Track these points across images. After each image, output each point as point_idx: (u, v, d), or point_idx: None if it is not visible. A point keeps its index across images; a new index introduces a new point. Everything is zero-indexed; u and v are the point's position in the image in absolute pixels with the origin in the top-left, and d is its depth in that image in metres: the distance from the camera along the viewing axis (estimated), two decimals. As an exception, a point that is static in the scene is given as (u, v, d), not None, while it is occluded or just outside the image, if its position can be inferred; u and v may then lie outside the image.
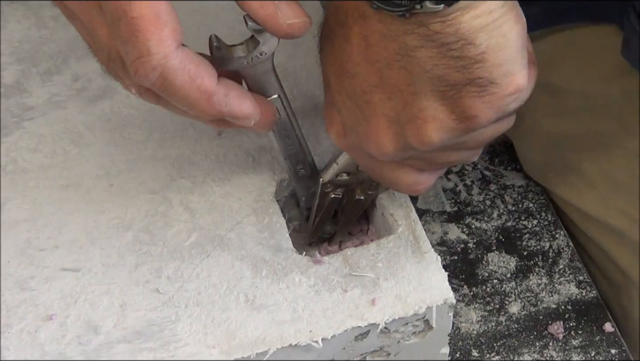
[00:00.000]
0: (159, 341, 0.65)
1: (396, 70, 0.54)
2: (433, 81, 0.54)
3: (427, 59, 0.53)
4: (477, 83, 0.53)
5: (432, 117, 0.55)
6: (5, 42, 0.81)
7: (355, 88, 0.58)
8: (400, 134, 0.57)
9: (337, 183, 0.69)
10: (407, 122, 0.56)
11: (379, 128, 0.58)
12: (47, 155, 0.74)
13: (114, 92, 0.78)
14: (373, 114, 0.58)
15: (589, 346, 0.79)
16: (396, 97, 0.56)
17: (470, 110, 0.54)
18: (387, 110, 0.57)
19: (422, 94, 0.55)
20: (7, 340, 0.65)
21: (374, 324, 0.67)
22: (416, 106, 0.55)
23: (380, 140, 0.59)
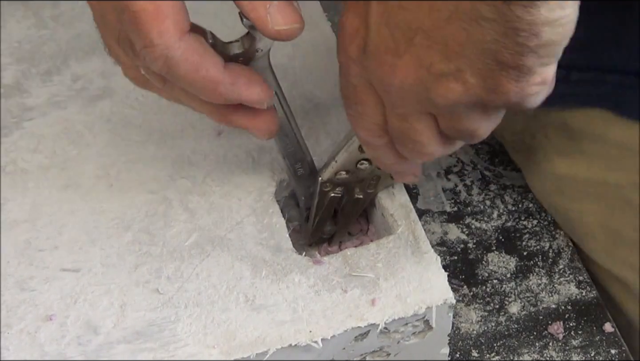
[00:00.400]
0: (158, 342, 0.65)
1: (455, 27, 0.53)
2: (484, 52, 0.53)
3: (491, 33, 0.53)
4: (520, 69, 0.54)
5: (464, 79, 0.55)
6: (5, 43, 0.81)
7: (398, 19, 0.56)
8: (424, 81, 0.56)
9: (336, 181, 0.69)
10: (438, 75, 0.55)
11: (407, 66, 0.56)
12: (47, 155, 0.74)
13: (114, 92, 0.78)
14: (406, 51, 0.56)
15: (588, 346, 0.79)
16: (439, 49, 0.55)
17: (502, 88, 0.54)
18: (423, 55, 0.55)
19: (466, 57, 0.54)
20: (7, 340, 0.65)
21: (373, 324, 0.67)
22: (454, 65, 0.54)
23: (403, 76, 0.56)
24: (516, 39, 0.52)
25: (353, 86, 0.59)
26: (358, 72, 0.59)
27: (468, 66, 0.54)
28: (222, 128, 0.76)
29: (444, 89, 0.55)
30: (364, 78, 0.59)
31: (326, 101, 0.78)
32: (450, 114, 0.58)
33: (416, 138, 0.60)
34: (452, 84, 0.55)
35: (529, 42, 0.53)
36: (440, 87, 0.55)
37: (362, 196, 0.71)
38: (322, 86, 0.79)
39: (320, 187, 0.70)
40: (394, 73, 0.56)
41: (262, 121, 0.64)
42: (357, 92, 0.59)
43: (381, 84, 0.58)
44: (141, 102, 0.78)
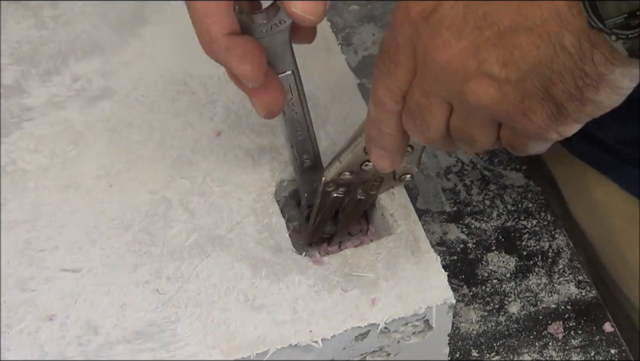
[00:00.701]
0: (159, 342, 0.65)
1: (530, 40, 0.52)
2: (541, 76, 0.53)
3: (560, 63, 0.52)
4: (561, 110, 0.53)
5: (506, 91, 0.54)
6: (5, 43, 0.81)
7: (479, 6, 0.54)
8: (468, 72, 0.55)
9: (339, 182, 0.69)
10: (485, 74, 0.54)
11: (460, 51, 0.54)
12: (47, 155, 0.74)
13: (114, 92, 0.78)
14: (468, 38, 0.54)
15: (588, 346, 0.79)
16: (501, 52, 0.53)
17: (532, 116, 0.54)
18: (482, 49, 0.54)
19: (521, 72, 0.53)
20: (7, 340, 0.65)
21: (374, 324, 0.67)
22: (505, 73, 0.54)
23: (450, 58, 0.55)
24: (577, 82, 0.52)
25: (396, 45, 0.58)
26: (408, 34, 0.57)
27: (516, 80, 0.53)
28: (222, 128, 0.76)
29: (482, 90, 0.54)
30: (411, 41, 0.57)
31: (326, 101, 0.78)
32: (467, 114, 0.57)
33: (426, 118, 0.59)
34: (492, 89, 0.54)
35: (586, 92, 0.52)
36: (479, 87, 0.54)
37: (364, 197, 0.71)
38: (322, 86, 0.79)
39: (323, 187, 0.70)
40: (443, 50, 0.55)
41: (264, 94, 0.64)
42: (397, 51, 0.58)
43: (425, 54, 0.56)
44: (141, 102, 0.78)
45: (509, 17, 0.52)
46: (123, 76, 0.79)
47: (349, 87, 0.79)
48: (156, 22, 0.83)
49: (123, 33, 0.82)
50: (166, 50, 0.81)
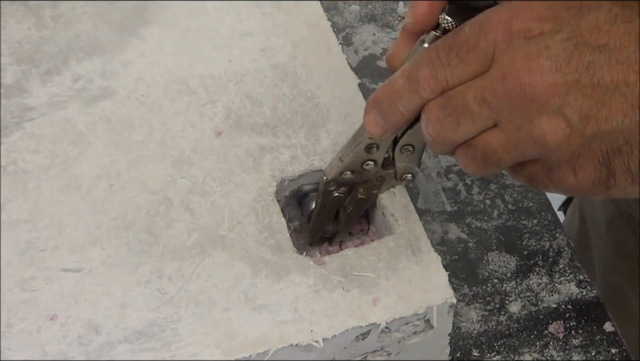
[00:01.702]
0: (159, 342, 0.65)
1: (621, 106, 0.52)
2: (615, 145, 0.53)
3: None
4: (615, 177, 0.54)
5: (555, 130, 0.54)
6: (5, 43, 0.81)
7: (585, 55, 0.53)
8: (550, 106, 0.54)
9: (340, 181, 0.69)
10: (561, 115, 0.54)
11: (556, 85, 0.53)
12: (47, 155, 0.74)
13: (114, 92, 0.78)
14: (567, 81, 0.53)
15: (589, 345, 0.79)
16: (591, 104, 0.53)
17: (582, 173, 0.55)
18: (572, 96, 0.53)
19: (600, 131, 0.53)
20: (8, 340, 0.65)
21: (374, 324, 0.67)
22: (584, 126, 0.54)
23: (543, 87, 0.54)
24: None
25: (474, 43, 0.56)
26: (495, 41, 0.55)
27: (589, 136, 0.53)
28: (223, 128, 0.76)
29: (551, 129, 0.54)
30: (493, 48, 0.56)
31: (326, 101, 0.78)
32: (513, 143, 0.56)
33: (462, 120, 0.57)
34: (561, 133, 0.53)
35: None
36: (551, 126, 0.54)
37: (365, 196, 0.71)
38: (322, 86, 0.79)
39: (324, 186, 0.70)
40: (534, 75, 0.54)
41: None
42: (470, 49, 0.56)
43: (508, 70, 0.55)
44: (141, 102, 0.78)
45: (611, 76, 0.52)
46: (123, 76, 0.79)
47: (350, 87, 0.79)
48: (157, 22, 0.83)
49: (123, 33, 0.82)
50: (167, 50, 0.81)
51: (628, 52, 0.52)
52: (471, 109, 0.56)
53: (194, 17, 0.83)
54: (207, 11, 0.84)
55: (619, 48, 0.52)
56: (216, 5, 0.84)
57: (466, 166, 0.59)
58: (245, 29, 0.83)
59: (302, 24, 0.83)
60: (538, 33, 0.54)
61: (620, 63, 0.52)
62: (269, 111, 0.77)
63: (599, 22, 0.53)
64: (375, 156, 0.67)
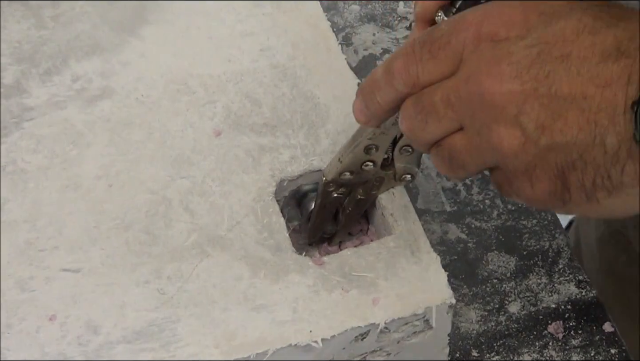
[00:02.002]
0: (159, 342, 0.65)
1: (577, 120, 0.51)
2: (570, 160, 0.52)
3: (598, 160, 0.51)
4: (570, 193, 0.53)
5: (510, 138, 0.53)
6: (5, 43, 0.81)
7: (547, 64, 0.52)
8: (507, 114, 0.53)
9: (339, 182, 0.69)
10: (517, 123, 0.53)
11: (514, 93, 0.52)
12: (47, 155, 0.74)
13: (114, 92, 0.78)
14: (525, 89, 0.52)
15: (588, 346, 0.79)
16: (547, 115, 0.52)
17: (538, 184, 0.54)
18: (529, 105, 0.52)
19: (555, 143, 0.52)
20: (7, 340, 0.65)
21: (373, 324, 0.67)
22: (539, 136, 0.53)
23: (501, 94, 0.53)
24: (596, 179, 0.52)
25: (446, 41, 0.56)
26: (465, 42, 0.55)
27: (543, 147, 0.52)
28: (222, 128, 0.76)
29: (507, 137, 0.53)
30: (463, 48, 0.55)
31: (326, 101, 0.78)
32: (475, 147, 0.56)
33: (429, 121, 0.57)
34: (517, 141, 0.53)
35: (599, 192, 0.52)
36: (507, 133, 0.53)
37: (365, 197, 0.71)
38: (322, 86, 0.79)
39: (323, 187, 0.70)
40: (494, 81, 0.53)
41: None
42: (442, 47, 0.56)
43: (472, 73, 0.54)
44: (141, 102, 0.78)
45: (569, 87, 0.51)
46: (123, 76, 0.79)
47: (349, 87, 0.79)
48: (156, 22, 0.83)
49: (123, 33, 0.82)
50: (166, 50, 0.81)
51: (589, 65, 0.51)
52: (437, 109, 0.56)
53: (193, 17, 0.83)
54: (207, 11, 0.84)
55: (581, 59, 0.51)
56: (216, 5, 0.84)
57: (437, 166, 0.59)
58: (245, 29, 0.83)
59: (302, 24, 0.83)
60: (504, 37, 0.54)
61: (580, 75, 0.51)
62: (268, 111, 0.77)
63: (566, 31, 0.52)
64: (374, 157, 0.67)
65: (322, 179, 0.70)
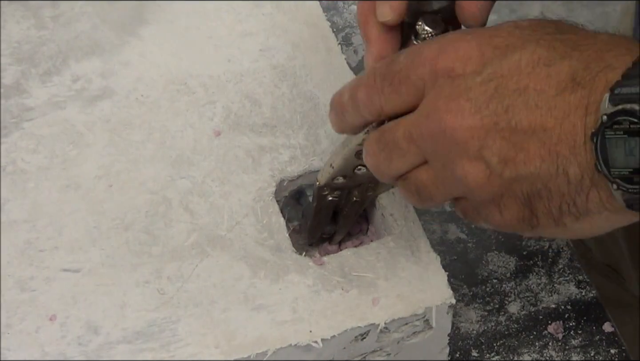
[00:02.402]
0: (159, 342, 0.65)
1: (539, 152, 0.52)
2: (535, 189, 0.52)
3: (563, 189, 0.52)
4: (538, 219, 0.54)
5: (475, 171, 0.54)
6: (5, 43, 0.81)
7: (505, 98, 0.53)
8: (470, 149, 0.54)
9: (333, 186, 0.69)
10: (481, 157, 0.53)
11: (474, 128, 0.53)
12: (47, 156, 0.74)
13: (114, 92, 0.78)
14: (485, 123, 0.53)
15: (588, 346, 0.79)
16: (509, 148, 0.53)
17: (507, 212, 0.54)
18: (490, 139, 0.53)
19: (519, 174, 0.53)
20: (7, 340, 0.65)
21: (373, 324, 0.67)
22: (503, 169, 0.53)
23: (462, 129, 0.54)
24: (563, 206, 0.52)
25: (405, 75, 0.56)
26: (423, 77, 0.56)
27: (508, 179, 0.53)
28: (222, 128, 0.76)
29: (472, 171, 0.54)
30: (422, 84, 0.56)
31: (326, 101, 0.78)
32: (441, 180, 0.56)
33: (394, 156, 0.58)
34: (482, 174, 0.54)
35: (566, 218, 0.53)
36: (471, 167, 0.54)
37: (360, 199, 0.70)
38: (322, 86, 0.79)
39: (318, 191, 0.69)
40: (454, 117, 0.54)
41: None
42: (402, 82, 0.56)
43: (432, 109, 0.55)
44: (141, 102, 0.78)
45: (529, 121, 0.52)
46: (123, 76, 0.79)
47: (349, 87, 0.79)
48: (156, 22, 0.83)
49: (123, 33, 0.82)
50: (166, 50, 0.81)
51: (547, 97, 0.51)
52: (400, 145, 0.57)
53: (193, 17, 0.83)
54: (207, 11, 0.84)
55: (538, 92, 0.52)
56: (216, 5, 0.84)
57: (405, 197, 0.60)
58: (245, 29, 0.83)
59: (302, 24, 0.83)
60: (461, 73, 0.54)
61: (538, 107, 0.51)
62: (268, 111, 0.77)
63: (522, 64, 0.53)
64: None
65: (316, 184, 0.69)
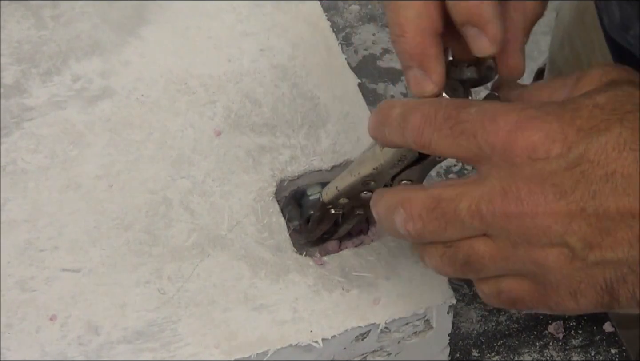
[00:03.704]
0: (159, 342, 0.65)
1: (627, 235, 0.50)
2: (620, 273, 0.51)
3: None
4: (619, 302, 0.53)
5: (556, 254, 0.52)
6: (5, 43, 0.81)
7: (591, 184, 0.51)
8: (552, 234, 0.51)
9: (337, 204, 0.68)
10: (564, 242, 0.51)
11: (559, 214, 0.51)
12: (47, 155, 0.74)
13: (114, 92, 0.78)
14: (571, 209, 0.51)
15: (589, 346, 0.79)
16: (595, 233, 0.51)
17: (582, 299, 0.53)
18: (575, 224, 0.51)
19: (605, 259, 0.51)
20: (7, 340, 0.65)
21: (374, 324, 0.67)
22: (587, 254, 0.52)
23: (545, 214, 0.51)
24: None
25: (472, 133, 0.53)
26: (494, 151, 0.53)
27: (592, 263, 0.51)
28: (223, 128, 0.76)
29: (553, 256, 0.52)
30: (494, 158, 0.53)
31: (326, 101, 0.78)
32: (505, 258, 0.54)
33: (447, 225, 0.54)
34: (563, 257, 0.52)
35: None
36: (553, 254, 0.52)
37: (363, 212, 0.69)
38: (322, 85, 0.79)
39: (321, 206, 0.69)
40: (537, 202, 0.51)
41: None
42: (470, 136, 0.53)
43: (510, 189, 0.52)
44: (141, 102, 0.78)
45: (617, 206, 0.50)
46: (123, 76, 0.79)
47: (350, 87, 0.79)
48: (156, 22, 0.83)
49: (123, 33, 0.82)
50: (166, 50, 0.81)
51: (635, 182, 0.50)
52: (462, 218, 0.53)
53: (193, 17, 0.83)
54: (207, 11, 0.84)
55: (626, 177, 0.50)
56: (216, 5, 0.84)
57: (438, 266, 0.56)
58: (245, 29, 0.83)
59: (302, 24, 0.83)
60: (544, 156, 0.51)
61: (627, 194, 0.50)
62: (268, 111, 0.77)
63: (608, 148, 0.50)
64: (372, 187, 0.64)
65: (320, 199, 0.69)
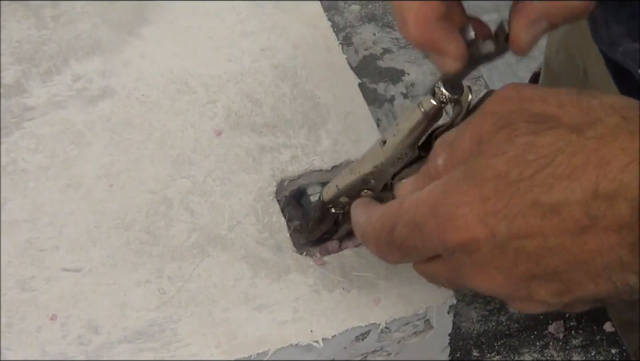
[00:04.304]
0: (159, 341, 0.65)
1: (589, 278, 0.50)
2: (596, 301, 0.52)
3: (626, 295, 0.50)
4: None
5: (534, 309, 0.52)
6: (5, 43, 0.81)
7: (531, 256, 0.50)
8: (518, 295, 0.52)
9: (337, 203, 0.68)
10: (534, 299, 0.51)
11: (513, 283, 0.51)
12: (47, 155, 0.74)
13: (114, 92, 0.78)
14: (522, 276, 0.51)
15: (589, 345, 0.79)
16: (558, 285, 0.51)
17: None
18: (535, 284, 0.51)
19: (578, 297, 0.51)
20: (8, 340, 0.65)
21: (374, 324, 0.67)
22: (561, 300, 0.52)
23: (502, 287, 0.51)
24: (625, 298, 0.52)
25: (421, 238, 0.53)
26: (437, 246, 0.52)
27: (568, 302, 0.51)
28: (223, 128, 0.76)
29: (529, 309, 0.52)
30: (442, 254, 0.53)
31: (327, 101, 0.78)
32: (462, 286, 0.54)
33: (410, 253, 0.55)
34: (541, 308, 0.52)
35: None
36: (527, 307, 0.52)
37: None
38: (322, 85, 0.79)
39: (321, 205, 0.69)
40: (488, 283, 0.51)
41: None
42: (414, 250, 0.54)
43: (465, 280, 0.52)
44: (141, 102, 0.78)
45: (563, 262, 0.50)
46: (123, 76, 0.79)
47: (350, 87, 0.79)
48: (156, 21, 0.83)
49: (123, 33, 0.82)
50: (166, 50, 0.81)
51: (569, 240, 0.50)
52: (437, 279, 0.56)
53: (194, 17, 0.83)
54: (207, 11, 0.84)
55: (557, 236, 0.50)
56: (216, 5, 0.84)
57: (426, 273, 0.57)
58: (246, 29, 0.83)
59: (302, 24, 0.83)
60: (475, 248, 0.51)
61: (566, 250, 0.50)
62: (269, 111, 0.77)
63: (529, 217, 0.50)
64: (372, 186, 0.65)
65: (320, 198, 0.69)
